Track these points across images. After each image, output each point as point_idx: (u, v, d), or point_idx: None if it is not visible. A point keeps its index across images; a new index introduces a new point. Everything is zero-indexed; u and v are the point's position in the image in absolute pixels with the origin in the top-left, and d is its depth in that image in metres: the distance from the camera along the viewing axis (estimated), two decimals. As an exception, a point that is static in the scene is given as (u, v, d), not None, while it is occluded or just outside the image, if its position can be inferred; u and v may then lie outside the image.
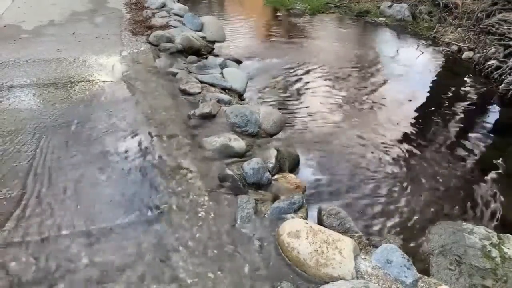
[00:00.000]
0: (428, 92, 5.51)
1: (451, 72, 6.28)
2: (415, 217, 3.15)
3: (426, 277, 2.24)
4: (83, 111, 3.49)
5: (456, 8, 7.71)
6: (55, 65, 4.36)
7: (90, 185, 2.63)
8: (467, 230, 2.86)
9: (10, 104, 3.52)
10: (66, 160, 2.85)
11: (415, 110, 4.93)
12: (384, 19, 8.64)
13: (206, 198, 2.58)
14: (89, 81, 4.05)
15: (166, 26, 5.76)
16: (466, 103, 5.20)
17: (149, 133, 3.21)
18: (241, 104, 4.02)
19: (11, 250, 2.12)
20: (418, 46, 7.21)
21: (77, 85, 3.94)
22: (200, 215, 2.44)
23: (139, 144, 3.08)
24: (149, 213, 2.43)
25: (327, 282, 2.04)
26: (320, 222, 2.63)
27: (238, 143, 3.15)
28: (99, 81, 4.06)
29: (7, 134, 3.09)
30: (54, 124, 3.27)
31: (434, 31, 7.67)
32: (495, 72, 5.77)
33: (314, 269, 2.09)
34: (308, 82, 5.44)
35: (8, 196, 2.48)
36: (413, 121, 4.65)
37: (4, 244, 2.15)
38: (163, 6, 6.78)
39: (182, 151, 3.04)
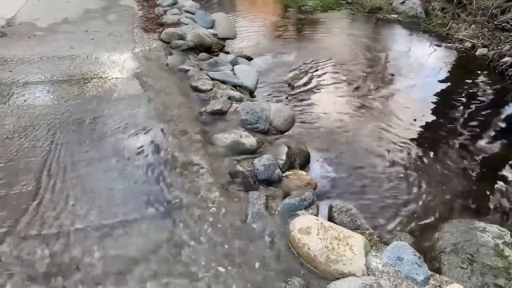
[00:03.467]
0: (441, 89, 5.45)
1: (465, 69, 6.20)
2: (427, 215, 3.13)
3: (437, 275, 2.23)
4: (96, 108, 3.53)
5: (470, 4, 7.60)
6: (69, 62, 4.42)
7: (103, 180, 2.67)
8: (480, 229, 2.83)
9: (25, 100, 3.58)
10: (79, 156, 2.89)
11: (428, 108, 4.88)
12: (396, 15, 8.57)
13: (217, 194, 2.60)
14: (102, 78, 4.10)
15: (177, 23, 5.79)
16: (480, 100, 5.14)
17: (161, 130, 3.24)
18: (252, 101, 4.03)
19: (27, 243, 2.16)
20: (431, 43, 7.13)
21: (90, 82, 3.99)
22: (211, 210, 2.46)
23: (151, 140, 3.11)
24: (161, 208, 2.46)
25: (338, 278, 2.04)
26: (331, 219, 2.63)
27: (249, 140, 3.17)
28: (112, 78, 4.10)
29: (22, 130, 3.14)
30: (68, 120, 3.32)
31: (447, 27, 7.58)
32: (509, 69, 5.69)
33: (325, 265, 2.10)
34: (319, 79, 5.43)
35: (24, 190, 2.53)
36: (426, 118, 4.61)
37: (20, 237, 2.20)
38: (174, 3, 6.82)
39: (193, 147, 3.07)
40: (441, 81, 5.71)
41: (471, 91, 5.40)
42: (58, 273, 2.01)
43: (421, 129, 4.37)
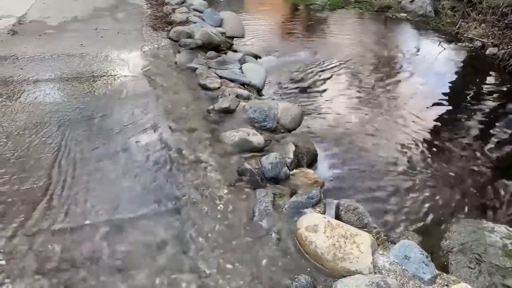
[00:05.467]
0: (450, 88, 5.42)
1: (474, 68, 6.16)
2: (435, 215, 3.12)
3: (445, 274, 2.22)
4: (105, 105, 3.57)
5: (480, 3, 7.53)
6: (79, 60, 4.46)
7: (112, 177, 2.70)
8: (488, 229, 2.82)
9: (35, 98, 3.62)
10: (89, 152, 2.93)
11: (437, 107, 4.86)
12: (405, 14, 8.51)
13: (225, 191, 2.62)
14: (111, 75, 4.14)
15: (186, 22, 5.82)
16: (489, 100, 5.10)
17: (170, 127, 3.27)
18: (259, 99, 4.04)
19: (38, 238, 2.20)
20: (440, 42, 7.08)
21: (99, 80, 4.03)
22: (219, 207, 2.48)
23: (160, 137, 3.13)
24: (170, 204, 2.48)
25: (345, 276, 2.05)
26: (338, 217, 2.63)
27: (257, 138, 3.18)
28: (121, 76, 4.14)
29: (33, 127, 3.19)
30: (77, 117, 3.36)
31: (457, 26, 7.52)
32: (519, 69, 5.64)
33: (332, 263, 2.11)
34: (327, 78, 5.42)
35: (35, 186, 2.57)
36: (435, 117, 4.59)
37: (31, 232, 2.23)
38: (183, 1, 6.86)
39: (201, 145, 3.09)
40: (450, 81, 5.67)
41: (480, 90, 5.36)
42: (68, 267, 2.04)
43: (430, 129, 4.35)
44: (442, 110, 4.79)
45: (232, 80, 4.36)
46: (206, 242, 2.23)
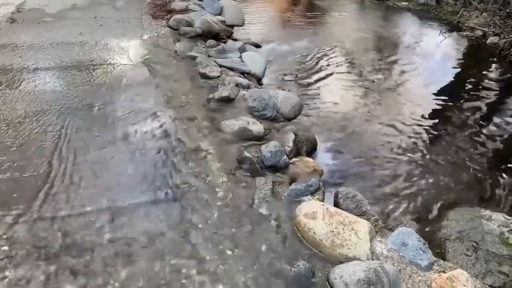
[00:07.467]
0: (451, 78, 5.41)
1: (475, 57, 6.14)
2: (433, 203, 3.15)
3: (442, 261, 2.26)
4: (105, 94, 3.57)
5: (482, -8, 7.47)
6: (78, 48, 4.45)
7: (112, 165, 2.71)
8: (485, 217, 2.85)
9: (35, 86, 3.62)
10: (89, 140, 2.94)
11: (437, 96, 4.86)
12: (406, 3, 8.46)
13: (225, 179, 2.64)
14: (110, 64, 4.13)
15: (185, 10, 5.79)
16: (490, 89, 5.09)
17: (169, 116, 3.27)
18: (259, 88, 4.04)
19: (40, 225, 2.22)
20: (441, 31, 7.05)
21: (99, 68, 4.02)
22: (219, 195, 2.50)
23: (160, 126, 3.14)
24: (170, 192, 2.50)
25: (343, 262, 2.07)
26: (336, 205, 2.66)
27: (256, 127, 3.19)
28: (121, 64, 4.13)
29: (33, 115, 3.19)
30: (77, 106, 3.36)
31: (458, 15, 7.48)
32: (520, 58, 5.62)
33: (330, 249, 2.13)
34: (327, 67, 5.41)
35: (36, 173, 2.58)
36: (434, 105, 4.59)
37: (33, 219, 2.25)
38: (182, -10, 6.78)
39: (201, 133, 3.10)
40: (451, 69, 5.65)
41: (481, 79, 5.35)
42: (70, 253, 2.07)
43: (429, 117, 4.35)
44: (441, 98, 4.79)
45: (232, 69, 4.36)
46: (206, 229, 2.25)
